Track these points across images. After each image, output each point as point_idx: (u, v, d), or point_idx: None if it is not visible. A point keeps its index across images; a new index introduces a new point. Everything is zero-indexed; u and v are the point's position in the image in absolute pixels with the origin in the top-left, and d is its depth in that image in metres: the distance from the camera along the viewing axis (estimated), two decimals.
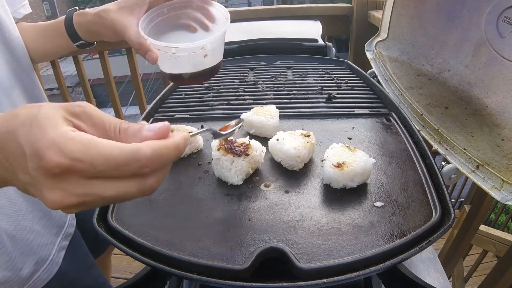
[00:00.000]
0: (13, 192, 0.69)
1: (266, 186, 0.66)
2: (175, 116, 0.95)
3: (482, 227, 1.97)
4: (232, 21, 0.67)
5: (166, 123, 0.38)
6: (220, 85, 1.14)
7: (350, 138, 0.82)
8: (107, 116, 0.38)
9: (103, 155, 0.33)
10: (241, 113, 0.85)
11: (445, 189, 0.62)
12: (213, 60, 0.70)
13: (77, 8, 0.77)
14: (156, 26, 0.70)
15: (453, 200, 3.14)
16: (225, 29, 0.66)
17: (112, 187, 0.35)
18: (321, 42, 1.44)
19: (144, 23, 0.68)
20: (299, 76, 1.19)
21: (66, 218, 0.83)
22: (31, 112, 0.35)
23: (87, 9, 0.75)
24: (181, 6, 0.71)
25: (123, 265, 1.96)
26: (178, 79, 0.71)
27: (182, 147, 0.38)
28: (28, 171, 0.34)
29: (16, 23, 0.79)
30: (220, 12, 0.70)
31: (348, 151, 0.66)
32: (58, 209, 0.35)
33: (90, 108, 0.38)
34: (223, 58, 0.75)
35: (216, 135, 0.59)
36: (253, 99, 1.03)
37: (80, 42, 0.78)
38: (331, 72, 1.21)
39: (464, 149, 0.81)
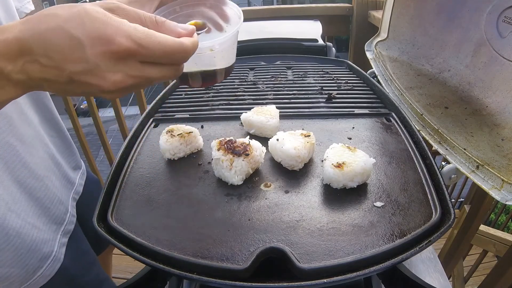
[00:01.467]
0: (14, 188, 0.69)
1: (266, 186, 0.66)
2: (175, 116, 0.95)
3: (482, 227, 1.97)
4: None
5: (192, 26, 0.47)
6: (220, 85, 1.13)
7: (350, 138, 0.82)
8: (138, 10, 0.45)
9: (161, 44, 0.41)
10: (241, 113, 0.85)
11: (445, 189, 0.62)
12: (224, 63, 0.66)
13: (87, 0, 0.76)
14: None
15: (453, 200, 3.14)
16: (236, 30, 0.62)
17: (159, 71, 0.43)
18: (321, 42, 1.44)
19: None
20: (299, 76, 1.19)
21: (66, 216, 0.83)
22: (77, 10, 0.39)
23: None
24: (194, 4, 0.67)
25: (123, 265, 1.96)
26: (185, 81, 0.68)
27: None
28: (86, 58, 0.38)
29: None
30: (234, 11, 0.67)
31: (348, 151, 0.66)
32: (114, 91, 0.42)
33: (122, 3, 0.44)
34: None
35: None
36: (253, 99, 1.03)
37: None
38: (331, 72, 1.21)
39: (464, 149, 0.81)
